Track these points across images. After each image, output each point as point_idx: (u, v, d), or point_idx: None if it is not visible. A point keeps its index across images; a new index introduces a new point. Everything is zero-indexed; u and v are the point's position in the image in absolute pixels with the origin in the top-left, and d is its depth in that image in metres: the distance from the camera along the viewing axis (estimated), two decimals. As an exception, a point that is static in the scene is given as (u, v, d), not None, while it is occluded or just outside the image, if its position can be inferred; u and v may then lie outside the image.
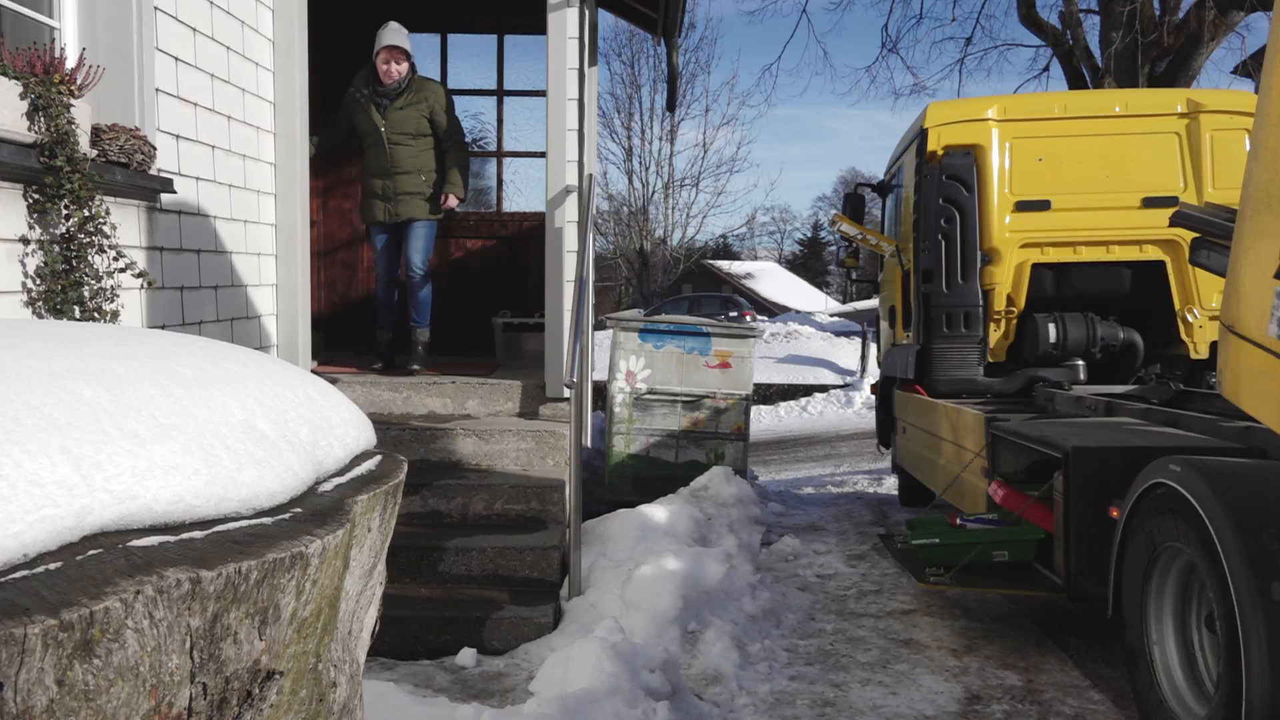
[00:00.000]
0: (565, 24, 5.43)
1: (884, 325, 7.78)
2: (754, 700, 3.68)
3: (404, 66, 5.58)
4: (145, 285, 3.72)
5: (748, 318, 27.19)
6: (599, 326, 12.62)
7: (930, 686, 3.83)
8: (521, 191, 7.82)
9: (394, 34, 5.59)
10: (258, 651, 1.03)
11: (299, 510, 1.17)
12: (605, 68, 31.54)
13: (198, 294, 4.37)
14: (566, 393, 4.89)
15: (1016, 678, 3.92)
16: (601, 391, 7.25)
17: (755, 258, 48.57)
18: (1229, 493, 2.78)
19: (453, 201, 5.73)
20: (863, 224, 7.53)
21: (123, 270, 3.47)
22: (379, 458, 1.54)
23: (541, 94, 6.23)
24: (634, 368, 6.38)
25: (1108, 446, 3.82)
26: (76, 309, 3.26)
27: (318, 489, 1.29)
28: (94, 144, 3.44)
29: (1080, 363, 5.76)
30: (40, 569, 0.88)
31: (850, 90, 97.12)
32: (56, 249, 3.24)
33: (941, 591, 4.68)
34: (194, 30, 4.27)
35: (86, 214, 3.29)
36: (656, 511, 5.14)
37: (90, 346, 1.25)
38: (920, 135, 6.15)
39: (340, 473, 1.39)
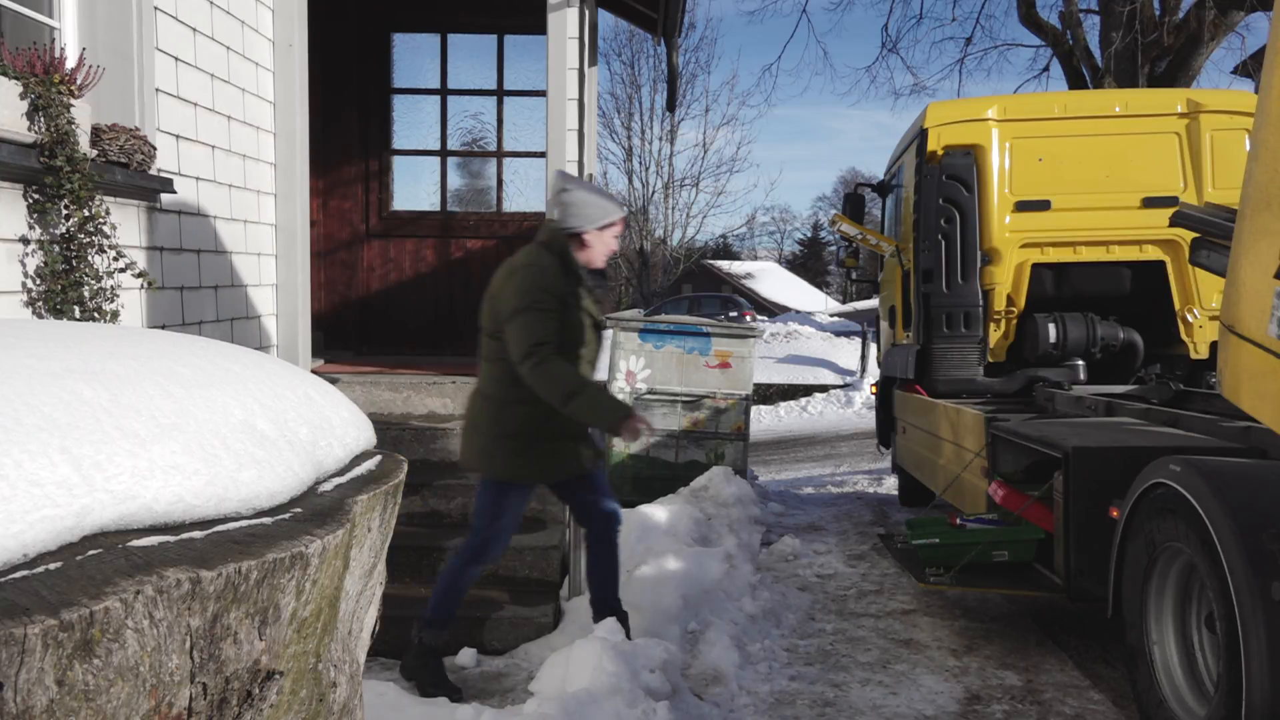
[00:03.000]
0: (565, 24, 5.44)
1: (884, 325, 7.78)
2: (754, 700, 3.68)
3: None
4: (145, 285, 3.71)
5: (748, 318, 27.20)
6: (599, 326, 12.59)
7: (930, 686, 3.83)
8: (521, 191, 7.78)
9: (618, 205, 3.72)
10: (258, 651, 1.02)
11: (299, 510, 1.17)
12: (605, 68, 31.58)
13: (198, 294, 4.37)
14: (566, 393, 4.87)
15: (1016, 678, 3.92)
16: (601, 391, 7.23)
17: (755, 258, 48.62)
18: (1229, 493, 2.78)
19: None
20: (863, 224, 7.53)
21: (123, 270, 3.47)
22: (379, 458, 1.54)
23: (541, 94, 6.23)
24: (634, 368, 6.38)
25: (1108, 446, 3.82)
26: (76, 309, 3.25)
27: (318, 489, 1.29)
28: (94, 144, 3.44)
29: (1080, 363, 5.76)
30: (40, 569, 0.88)
31: (850, 90, 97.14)
32: (56, 249, 3.24)
33: (941, 591, 4.68)
34: (194, 30, 4.27)
35: (86, 214, 3.29)
36: (656, 511, 5.14)
37: (90, 346, 1.25)
38: (920, 135, 6.15)
39: (340, 473, 1.39)
